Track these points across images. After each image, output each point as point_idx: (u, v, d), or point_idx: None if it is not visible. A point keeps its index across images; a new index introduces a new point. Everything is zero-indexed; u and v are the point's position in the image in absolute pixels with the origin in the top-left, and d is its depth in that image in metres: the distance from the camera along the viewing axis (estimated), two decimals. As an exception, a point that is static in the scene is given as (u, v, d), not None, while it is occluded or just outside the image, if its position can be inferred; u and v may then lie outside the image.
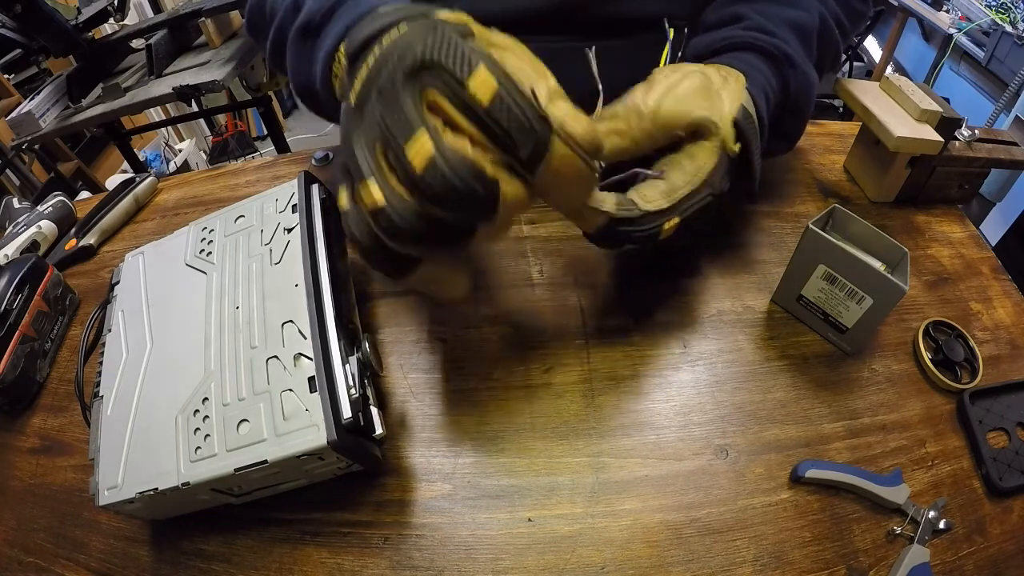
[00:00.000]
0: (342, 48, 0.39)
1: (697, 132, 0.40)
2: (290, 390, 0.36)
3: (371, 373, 0.40)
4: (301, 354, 0.37)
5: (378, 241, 0.31)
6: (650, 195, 0.39)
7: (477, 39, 0.32)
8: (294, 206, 0.44)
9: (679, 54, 0.56)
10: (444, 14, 0.32)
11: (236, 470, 0.34)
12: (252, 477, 0.35)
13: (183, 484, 0.35)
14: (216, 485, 0.36)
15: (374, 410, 0.39)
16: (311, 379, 0.36)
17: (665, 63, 0.49)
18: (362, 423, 0.37)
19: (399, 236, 0.30)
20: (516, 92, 0.29)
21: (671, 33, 0.49)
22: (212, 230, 0.46)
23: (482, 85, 0.29)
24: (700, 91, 0.40)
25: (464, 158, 0.29)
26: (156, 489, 0.35)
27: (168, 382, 0.39)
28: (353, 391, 0.36)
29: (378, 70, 0.30)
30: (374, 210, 0.30)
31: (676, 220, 0.39)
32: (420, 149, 0.28)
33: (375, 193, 0.29)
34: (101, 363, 0.42)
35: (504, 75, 0.29)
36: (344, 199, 0.32)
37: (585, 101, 0.45)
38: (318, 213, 0.44)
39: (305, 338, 0.37)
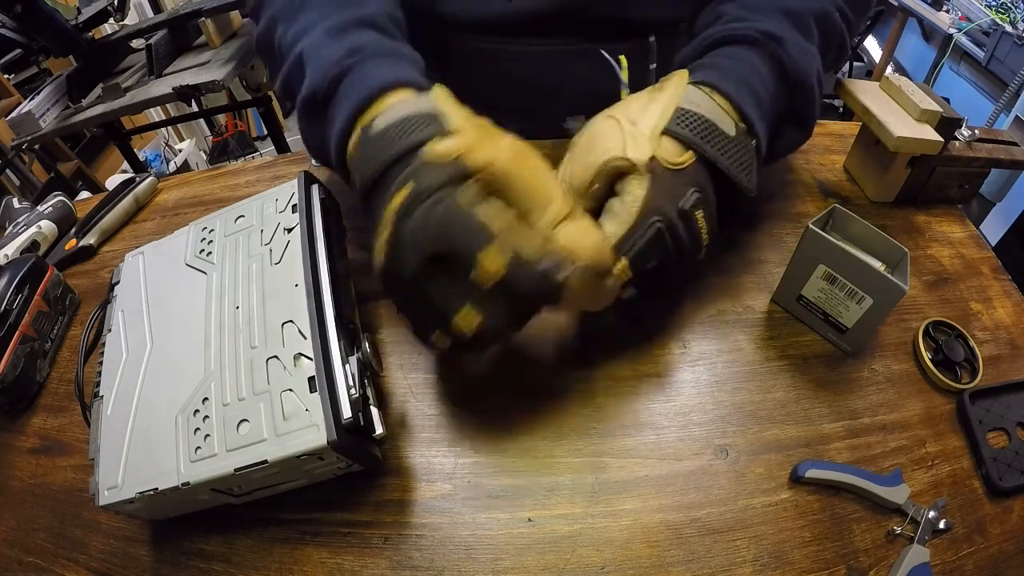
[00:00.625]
0: (355, 138, 0.40)
1: (620, 173, 0.39)
2: (290, 390, 0.36)
3: (371, 373, 0.40)
4: (301, 354, 0.37)
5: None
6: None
7: (481, 171, 0.34)
8: (294, 206, 0.44)
9: (652, 65, 0.54)
10: (436, 147, 0.35)
11: (236, 470, 0.34)
12: (252, 477, 0.35)
13: (183, 484, 0.35)
14: (216, 485, 0.36)
15: (374, 410, 0.39)
16: (311, 379, 0.36)
17: (625, 93, 0.47)
18: (362, 423, 0.37)
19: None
20: (521, 266, 0.34)
21: (623, 69, 0.47)
22: (212, 230, 0.46)
23: (491, 266, 0.33)
24: (602, 137, 0.40)
25: (496, 328, 0.36)
26: (156, 489, 0.35)
27: (168, 382, 0.39)
28: (353, 391, 0.36)
29: (397, 250, 0.35)
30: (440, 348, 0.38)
31: (623, 262, 0.38)
32: (464, 323, 0.35)
33: (439, 343, 0.37)
34: (101, 363, 0.42)
35: (509, 250, 0.33)
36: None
37: (593, 103, 0.46)
38: (318, 213, 0.44)
39: (305, 338, 0.37)
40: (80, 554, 0.41)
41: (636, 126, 0.40)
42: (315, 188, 0.46)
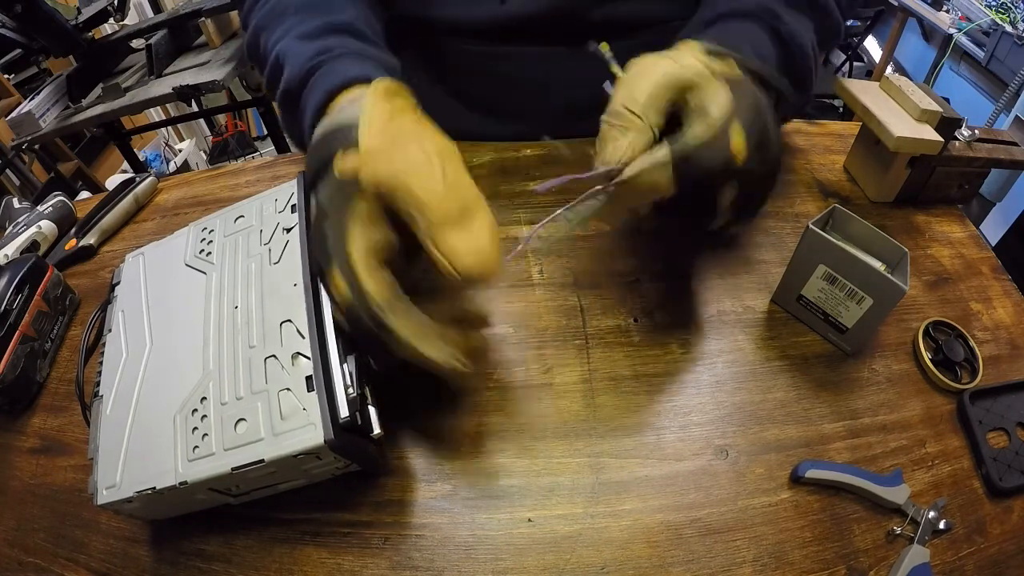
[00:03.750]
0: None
1: (688, 88, 0.37)
2: (288, 389, 0.36)
3: (370, 373, 0.40)
4: (299, 353, 0.37)
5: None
6: (697, 129, 0.36)
7: (368, 188, 0.35)
8: (293, 206, 0.44)
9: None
10: (339, 164, 0.36)
11: (233, 469, 0.34)
12: (249, 476, 0.35)
13: (181, 483, 0.35)
14: (214, 484, 0.36)
15: (372, 410, 0.39)
16: (309, 378, 0.36)
17: (616, 69, 0.46)
18: (360, 422, 0.37)
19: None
20: (360, 303, 0.35)
21: (610, 58, 0.46)
22: (212, 230, 0.46)
23: (340, 290, 0.35)
24: (655, 64, 0.38)
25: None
26: (154, 488, 0.35)
27: (167, 382, 0.39)
28: (351, 390, 0.36)
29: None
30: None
31: (740, 128, 0.36)
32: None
33: None
34: (101, 363, 0.42)
35: (355, 286, 0.35)
36: None
37: (584, 105, 0.45)
38: (317, 213, 0.44)
39: (303, 337, 0.37)
40: (80, 554, 0.41)
41: (680, 55, 0.38)
42: (314, 188, 0.46)
